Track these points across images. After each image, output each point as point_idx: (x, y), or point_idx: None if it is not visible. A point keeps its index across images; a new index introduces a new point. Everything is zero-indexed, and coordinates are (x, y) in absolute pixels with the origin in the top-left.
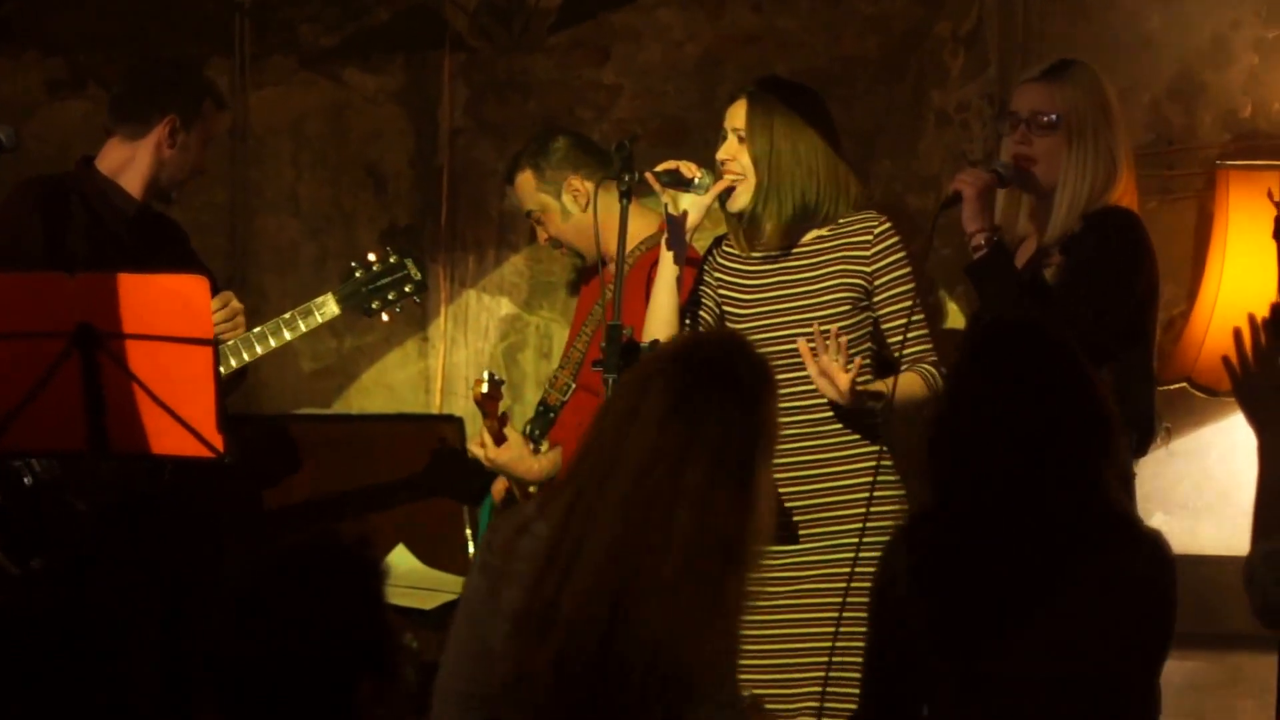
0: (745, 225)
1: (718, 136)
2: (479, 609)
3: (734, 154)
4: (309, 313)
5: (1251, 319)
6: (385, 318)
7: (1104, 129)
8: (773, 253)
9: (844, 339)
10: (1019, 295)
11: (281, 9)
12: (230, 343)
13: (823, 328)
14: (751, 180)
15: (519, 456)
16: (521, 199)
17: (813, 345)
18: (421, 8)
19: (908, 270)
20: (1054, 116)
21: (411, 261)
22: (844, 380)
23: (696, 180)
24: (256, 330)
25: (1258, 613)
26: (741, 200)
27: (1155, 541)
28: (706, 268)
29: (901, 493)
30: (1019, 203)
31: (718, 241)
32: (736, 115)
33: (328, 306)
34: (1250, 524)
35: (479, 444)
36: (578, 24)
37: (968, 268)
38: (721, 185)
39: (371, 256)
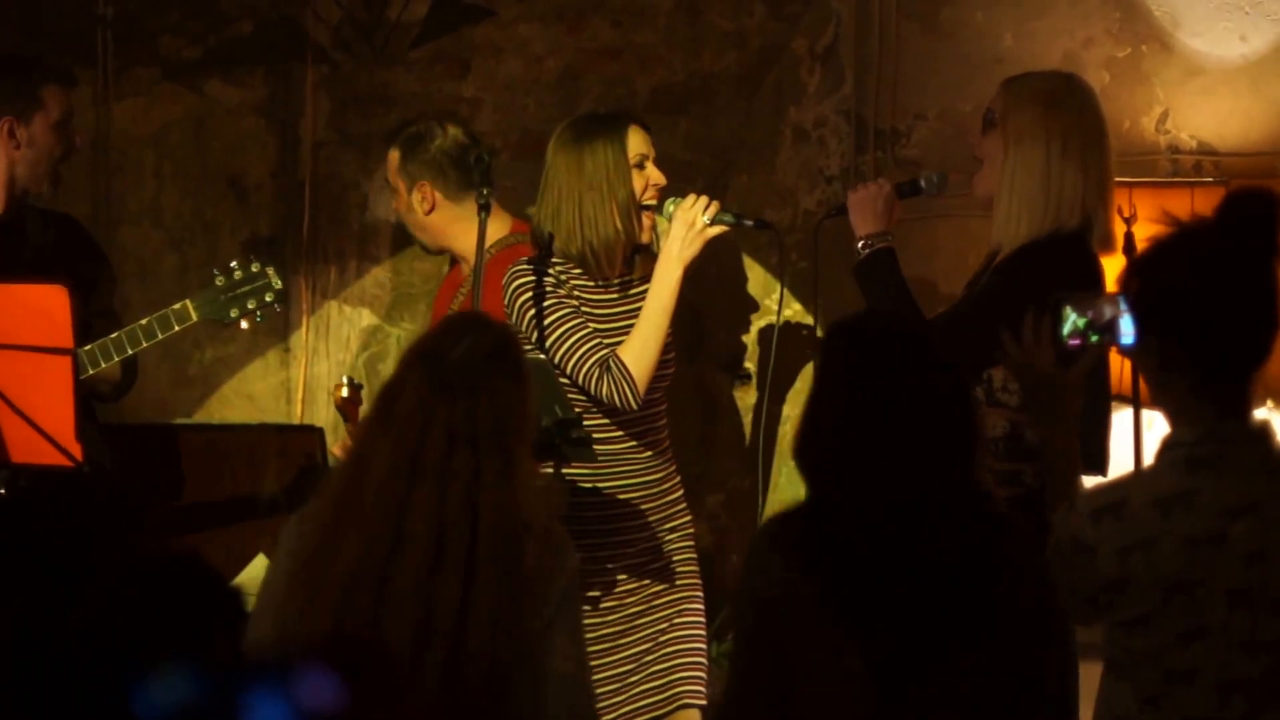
0: (605, 251)
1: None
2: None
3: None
4: (166, 320)
5: (1033, 309)
6: (245, 325)
7: (1041, 143)
8: (631, 279)
9: None
10: (900, 296)
11: (143, 21)
12: (87, 348)
13: None
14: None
15: None
16: (387, 168)
17: None
18: (283, 20)
19: None
20: (991, 113)
21: (273, 270)
22: None
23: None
24: (114, 337)
25: None
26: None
27: (1019, 529)
28: (550, 286)
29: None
30: None
31: (540, 264)
32: (645, 142)
33: (185, 313)
34: None
35: (342, 448)
36: (439, 38)
37: (853, 269)
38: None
39: (233, 264)
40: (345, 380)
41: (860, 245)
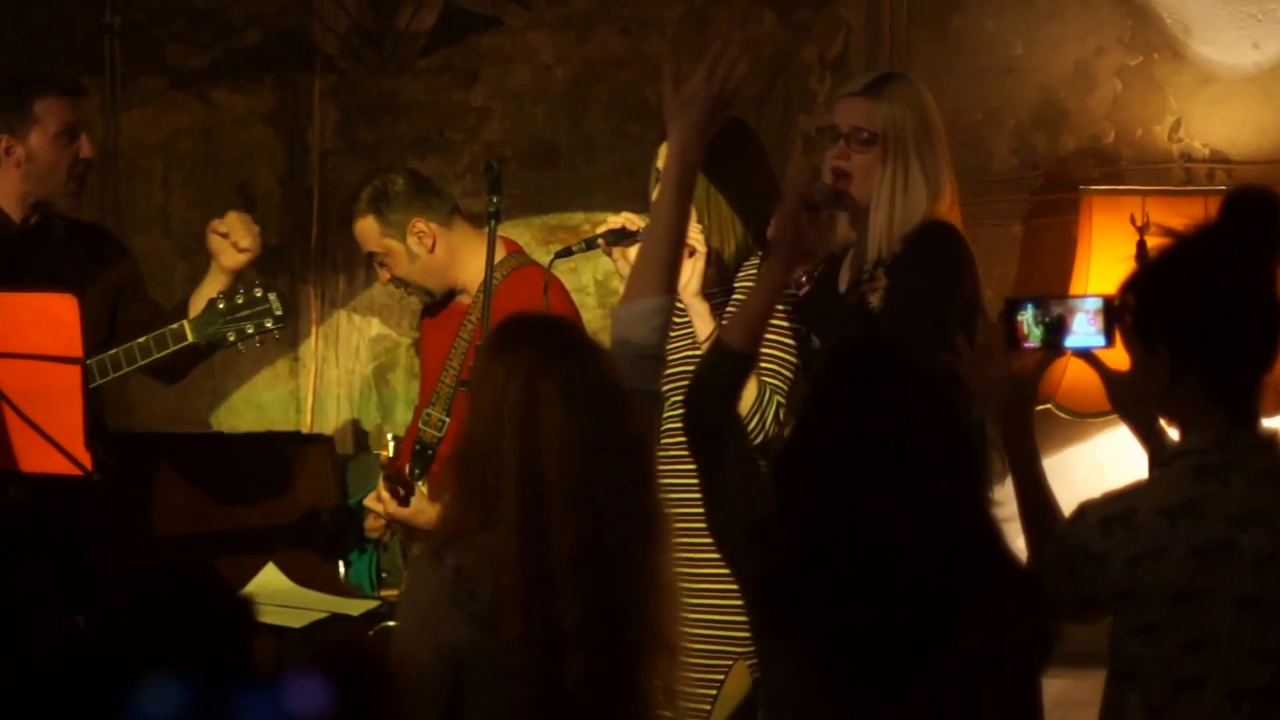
0: None
1: (650, 176)
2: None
3: None
4: (162, 339)
5: (983, 314)
6: (242, 349)
7: (923, 146)
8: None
9: None
10: (847, 321)
11: (151, 30)
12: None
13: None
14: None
15: (419, 509)
16: (363, 242)
17: None
18: (291, 30)
19: None
20: (872, 133)
21: (275, 295)
22: None
23: (641, 231)
24: (111, 353)
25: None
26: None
27: (1007, 562)
28: None
29: None
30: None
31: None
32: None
33: (181, 333)
34: None
35: (376, 499)
36: (447, 46)
37: (796, 305)
38: None
39: (239, 287)
40: (389, 439)
41: (800, 280)
